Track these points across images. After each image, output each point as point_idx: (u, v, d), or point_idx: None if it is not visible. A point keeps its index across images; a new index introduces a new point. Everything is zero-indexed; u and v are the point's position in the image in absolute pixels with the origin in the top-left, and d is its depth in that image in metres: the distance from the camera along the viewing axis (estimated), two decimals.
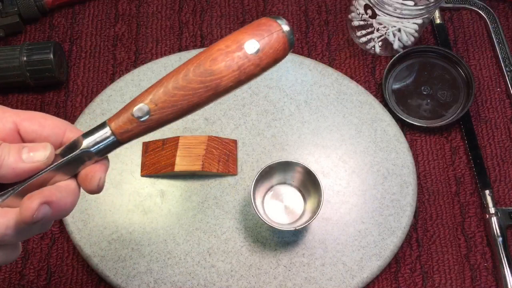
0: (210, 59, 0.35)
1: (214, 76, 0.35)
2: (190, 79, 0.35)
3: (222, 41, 0.36)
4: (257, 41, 0.35)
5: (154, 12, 0.72)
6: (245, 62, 0.35)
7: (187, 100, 0.35)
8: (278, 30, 0.36)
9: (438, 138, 0.66)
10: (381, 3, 0.61)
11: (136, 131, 0.36)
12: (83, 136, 0.36)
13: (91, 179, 0.36)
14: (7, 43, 0.70)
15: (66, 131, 0.37)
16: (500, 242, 0.60)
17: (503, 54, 0.69)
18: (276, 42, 0.36)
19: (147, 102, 0.35)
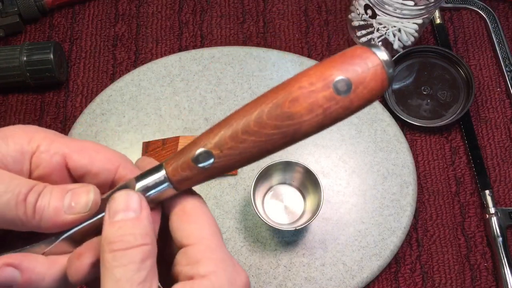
0: (290, 99, 0.29)
1: (293, 121, 0.29)
2: (264, 123, 0.29)
3: (305, 76, 0.29)
4: (348, 79, 0.29)
5: (154, 12, 0.72)
6: (332, 105, 0.29)
7: (258, 147, 0.30)
8: (376, 64, 0.29)
9: (438, 138, 0.66)
10: (381, 3, 0.61)
11: (196, 178, 0.30)
12: (136, 178, 0.31)
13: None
14: (7, 43, 0.70)
15: (120, 167, 0.32)
16: (500, 242, 0.60)
17: (503, 54, 0.69)
18: (372, 79, 0.29)
19: (211, 147, 0.30)
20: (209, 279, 0.28)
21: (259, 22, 0.71)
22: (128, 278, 0.27)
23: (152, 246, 0.29)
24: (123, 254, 0.28)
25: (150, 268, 0.28)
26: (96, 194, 0.30)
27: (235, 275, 0.30)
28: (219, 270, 0.29)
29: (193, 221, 0.31)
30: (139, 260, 0.28)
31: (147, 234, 0.29)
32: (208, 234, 0.30)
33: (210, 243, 0.30)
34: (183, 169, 0.30)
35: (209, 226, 0.31)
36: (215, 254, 0.29)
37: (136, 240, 0.28)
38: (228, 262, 0.30)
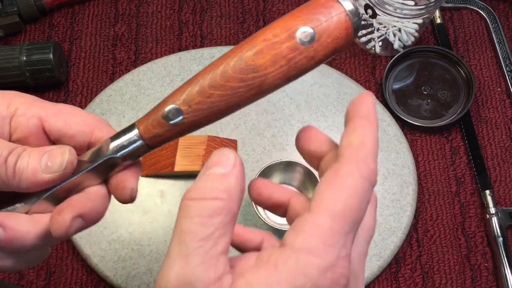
0: (254, 52, 0.29)
1: (258, 73, 0.29)
2: (229, 76, 0.29)
3: (270, 29, 0.30)
4: (312, 28, 0.29)
5: (154, 12, 0.72)
6: (296, 55, 0.29)
7: (225, 101, 0.30)
8: (340, 12, 0.29)
9: (439, 138, 0.66)
10: (381, 3, 0.61)
11: (167, 135, 0.31)
12: (111, 138, 0.32)
13: (122, 189, 0.33)
14: (6, 43, 0.70)
15: (95, 129, 0.33)
16: (500, 242, 0.60)
17: (504, 54, 0.69)
18: (336, 28, 0.29)
19: (180, 103, 0.30)
20: (297, 257, 0.26)
21: (259, 22, 0.71)
22: (191, 230, 0.26)
23: (227, 203, 0.27)
24: (193, 205, 0.27)
25: (219, 226, 0.27)
26: (71, 154, 0.31)
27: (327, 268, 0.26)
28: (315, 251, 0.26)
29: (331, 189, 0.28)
30: (207, 214, 0.27)
31: (227, 191, 0.27)
32: (334, 213, 0.27)
33: (330, 223, 0.27)
34: (154, 127, 0.31)
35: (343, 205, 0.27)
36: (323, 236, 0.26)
37: (211, 193, 0.27)
38: (331, 252, 0.26)
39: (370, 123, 0.30)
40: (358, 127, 0.29)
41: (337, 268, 0.26)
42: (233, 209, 0.28)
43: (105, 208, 0.33)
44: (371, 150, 0.29)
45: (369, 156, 0.28)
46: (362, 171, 0.28)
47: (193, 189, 0.27)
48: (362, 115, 0.30)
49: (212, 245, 0.27)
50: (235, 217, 0.28)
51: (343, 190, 0.27)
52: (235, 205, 0.28)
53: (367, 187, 0.28)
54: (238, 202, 0.28)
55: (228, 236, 0.27)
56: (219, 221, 0.27)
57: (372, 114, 0.30)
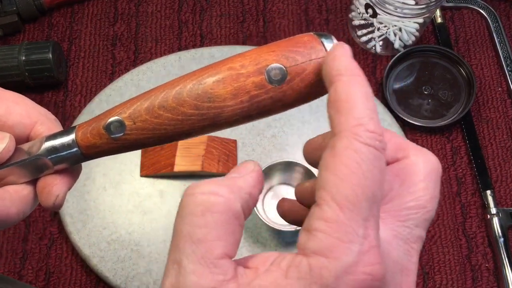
0: (215, 80, 0.26)
1: (214, 104, 0.26)
2: (183, 100, 0.26)
3: (239, 57, 0.26)
4: (284, 67, 0.25)
5: (153, 11, 0.72)
6: (261, 93, 0.26)
7: (173, 126, 0.27)
8: (320, 56, 0.25)
9: (439, 138, 0.66)
10: (382, 2, 0.61)
11: (105, 148, 0.29)
12: (47, 137, 0.29)
13: (48, 194, 0.29)
14: (5, 42, 0.70)
15: (37, 123, 0.31)
16: (501, 242, 0.60)
17: (505, 54, 0.69)
18: (312, 72, 0.25)
19: (125, 117, 0.28)
20: (309, 262, 0.23)
21: (259, 22, 0.71)
22: (182, 232, 0.23)
23: (226, 200, 0.24)
24: (187, 201, 0.24)
25: (214, 226, 0.23)
26: (11, 141, 0.29)
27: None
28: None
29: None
30: (200, 212, 0.23)
31: (230, 188, 0.24)
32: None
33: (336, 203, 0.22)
34: (93, 136, 0.28)
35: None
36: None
37: (208, 188, 0.24)
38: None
39: (352, 76, 0.24)
40: (339, 87, 0.24)
41: (360, 267, 0.22)
42: (234, 208, 0.24)
43: (21, 210, 0.30)
44: (362, 106, 0.23)
45: (362, 114, 0.23)
46: (361, 136, 0.23)
47: (192, 184, 0.24)
48: (340, 71, 0.24)
49: (207, 249, 0.23)
50: (237, 217, 0.24)
51: (345, 168, 0.22)
52: (236, 205, 0.24)
53: (372, 153, 0.22)
54: (245, 203, 0.25)
55: (231, 238, 0.24)
56: (214, 220, 0.23)
57: (349, 65, 0.24)
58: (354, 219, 0.22)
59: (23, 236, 0.61)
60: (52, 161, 0.29)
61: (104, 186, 0.61)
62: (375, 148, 0.23)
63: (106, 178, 0.61)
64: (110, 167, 0.62)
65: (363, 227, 0.22)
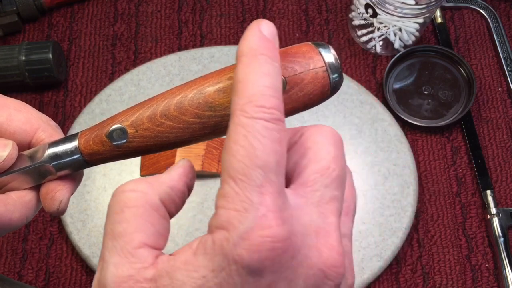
0: (216, 89, 0.27)
1: (215, 113, 0.27)
2: (185, 108, 0.27)
3: None
4: (283, 77, 0.26)
5: (153, 11, 0.72)
6: None
7: (174, 134, 0.28)
8: (318, 67, 0.26)
9: (439, 138, 0.66)
10: (382, 2, 0.60)
11: (107, 155, 0.29)
12: (49, 144, 0.30)
13: (51, 200, 0.30)
14: (5, 42, 0.70)
15: (39, 129, 0.31)
16: (501, 242, 0.60)
17: (505, 54, 0.69)
18: (310, 82, 0.26)
19: (127, 125, 0.28)
20: (213, 237, 0.24)
21: None
22: (107, 231, 0.25)
23: (143, 195, 0.26)
24: (110, 202, 0.26)
25: (131, 219, 0.25)
26: (13, 149, 0.30)
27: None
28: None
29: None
30: (119, 209, 0.25)
31: (149, 184, 0.26)
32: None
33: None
34: (95, 143, 0.29)
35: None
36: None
37: (127, 186, 0.26)
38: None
39: (252, 56, 0.24)
40: (238, 68, 0.24)
41: (256, 230, 0.22)
42: (151, 201, 0.26)
43: (23, 215, 0.30)
44: (256, 85, 0.24)
45: (255, 93, 0.23)
46: (248, 112, 0.23)
47: (118, 186, 0.26)
48: (243, 52, 0.25)
49: (126, 242, 0.25)
50: (155, 209, 0.26)
51: (234, 144, 0.23)
52: (154, 198, 0.26)
53: (260, 124, 0.23)
54: (165, 196, 0.26)
55: (150, 228, 0.25)
56: (131, 213, 0.25)
57: (255, 45, 0.25)
58: (246, 189, 0.23)
59: (23, 236, 0.61)
60: (55, 167, 0.30)
61: (104, 186, 0.61)
62: (263, 120, 0.23)
63: (106, 178, 0.61)
64: (110, 167, 0.62)
65: (258, 194, 0.22)
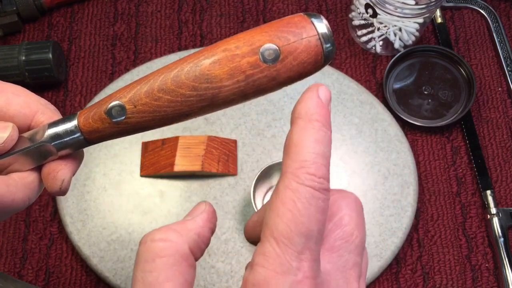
0: (212, 61, 0.27)
1: (212, 84, 0.27)
2: (181, 82, 0.27)
3: (233, 39, 0.28)
4: (277, 47, 0.27)
5: (153, 11, 0.72)
6: (256, 73, 0.27)
7: (172, 108, 0.28)
8: (311, 35, 0.27)
9: (439, 138, 0.66)
10: (382, 2, 0.60)
11: (107, 132, 0.29)
12: (49, 125, 0.30)
13: (53, 179, 0.31)
14: (5, 42, 0.70)
15: (38, 112, 0.32)
16: (501, 242, 0.60)
17: (505, 54, 0.69)
18: (304, 51, 0.27)
19: (125, 101, 0.28)
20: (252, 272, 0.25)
21: (259, 21, 0.71)
22: (137, 279, 0.26)
23: (173, 244, 0.26)
24: (140, 250, 0.27)
25: (163, 268, 0.26)
26: (14, 130, 0.30)
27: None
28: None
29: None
30: (150, 258, 0.26)
31: (177, 232, 0.27)
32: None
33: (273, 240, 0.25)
34: (95, 121, 0.29)
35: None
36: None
37: (157, 235, 0.27)
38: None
39: (308, 121, 0.26)
40: (294, 130, 0.26)
41: None
42: (181, 251, 0.26)
43: (26, 196, 0.31)
44: (310, 152, 0.25)
45: (308, 159, 0.25)
46: (300, 177, 0.24)
47: (146, 234, 0.27)
48: (300, 115, 0.26)
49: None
50: (185, 258, 0.26)
51: (282, 206, 0.24)
52: (184, 247, 0.26)
53: (309, 193, 0.24)
54: (193, 243, 0.27)
55: (180, 278, 0.26)
56: (163, 263, 0.26)
57: (312, 110, 0.26)
58: (288, 252, 0.24)
59: (23, 236, 0.61)
60: (56, 147, 0.30)
61: (104, 186, 0.61)
62: (313, 188, 0.24)
63: (106, 178, 0.61)
64: (110, 167, 0.62)
65: (297, 260, 0.24)
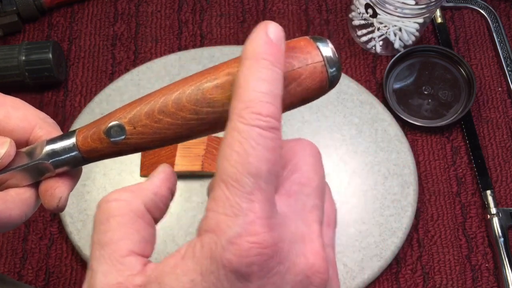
0: (214, 85, 0.26)
1: (213, 109, 0.27)
2: (183, 105, 0.27)
3: (237, 62, 0.27)
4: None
5: (153, 11, 0.72)
6: None
7: (173, 130, 0.28)
8: (316, 61, 0.26)
9: (439, 138, 0.66)
10: (382, 2, 0.60)
11: (105, 151, 0.29)
12: (47, 141, 0.30)
13: (51, 197, 0.30)
14: (5, 42, 0.70)
15: (36, 126, 0.32)
16: (501, 242, 0.60)
17: (505, 54, 0.69)
18: (309, 77, 0.26)
19: (125, 122, 0.28)
20: (201, 240, 0.24)
21: (259, 21, 0.70)
22: (94, 240, 0.26)
23: (126, 204, 0.27)
24: (96, 213, 0.27)
25: (117, 227, 0.26)
26: (11, 146, 0.30)
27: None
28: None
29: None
30: (104, 218, 0.26)
31: (131, 192, 0.27)
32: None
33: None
34: (93, 140, 0.29)
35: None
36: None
37: (111, 196, 0.27)
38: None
39: (255, 60, 0.24)
40: (240, 71, 0.24)
41: (244, 236, 0.22)
42: (135, 209, 0.26)
43: (22, 213, 0.30)
44: (255, 91, 0.24)
45: (253, 99, 0.23)
46: (245, 118, 0.23)
47: (102, 197, 0.27)
48: (247, 55, 0.25)
49: (113, 250, 0.25)
50: (140, 216, 0.27)
51: (229, 149, 0.24)
52: (138, 205, 0.27)
53: (256, 132, 0.23)
54: (150, 202, 0.27)
55: (136, 235, 0.26)
56: (116, 222, 0.26)
57: (258, 49, 0.25)
58: (237, 194, 0.23)
59: (23, 236, 0.61)
60: (53, 165, 0.30)
61: (104, 186, 0.61)
62: (259, 127, 0.23)
63: (106, 178, 0.61)
64: (110, 167, 0.62)
65: (248, 201, 0.23)
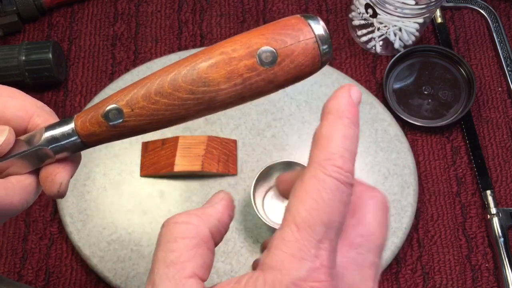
0: (209, 64, 0.27)
1: (209, 88, 0.27)
2: (179, 85, 0.27)
3: (230, 42, 0.28)
4: (274, 50, 0.27)
5: (153, 11, 0.72)
6: (253, 76, 0.27)
7: (170, 111, 0.28)
8: (308, 38, 0.27)
9: (439, 138, 0.66)
10: (382, 2, 0.60)
11: (104, 135, 0.29)
12: (46, 128, 0.30)
13: (51, 183, 0.31)
14: (5, 42, 0.70)
15: (34, 115, 0.32)
16: (501, 242, 0.60)
17: (505, 54, 0.69)
18: (301, 54, 0.27)
19: (122, 104, 0.28)
20: (265, 277, 0.25)
21: (259, 21, 0.71)
22: (158, 258, 0.27)
23: (194, 227, 0.28)
24: (162, 232, 0.28)
25: (185, 249, 0.27)
26: (10, 134, 0.30)
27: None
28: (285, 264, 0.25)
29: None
30: (172, 239, 0.28)
31: (198, 217, 0.28)
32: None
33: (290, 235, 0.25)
34: (92, 124, 0.29)
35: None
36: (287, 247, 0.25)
37: (179, 218, 0.28)
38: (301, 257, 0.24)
39: (338, 117, 0.27)
40: (324, 124, 0.27)
41: (309, 281, 0.23)
42: (202, 233, 0.27)
43: (23, 199, 0.31)
44: (338, 145, 0.26)
45: (336, 152, 0.25)
46: (327, 169, 0.25)
47: (169, 217, 0.28)
48: (331, 111, 0.27)
49: (177, 270, 0.26)
50: (205, 241, 0.27)
51: (306, 194, 0.25)
52: (205, 231, 0.27)
53: (334, 184, 0.25)
54: (214, 228, 0.28)
55: (200, 259, 0.27)
56: (184, 244, 0.27)
57: (343, 107, 0.27)
58: (308, 239, 0.24)
59: (23, 236, 0.61)
60: (53, 150, 0.30)
61: (104, 186, 0.61)
62: (338, 181, 0.25)
63: (106, 178, 0.61)
64: (110, 167, 0.62)
65: (316, 248, 0.24)
